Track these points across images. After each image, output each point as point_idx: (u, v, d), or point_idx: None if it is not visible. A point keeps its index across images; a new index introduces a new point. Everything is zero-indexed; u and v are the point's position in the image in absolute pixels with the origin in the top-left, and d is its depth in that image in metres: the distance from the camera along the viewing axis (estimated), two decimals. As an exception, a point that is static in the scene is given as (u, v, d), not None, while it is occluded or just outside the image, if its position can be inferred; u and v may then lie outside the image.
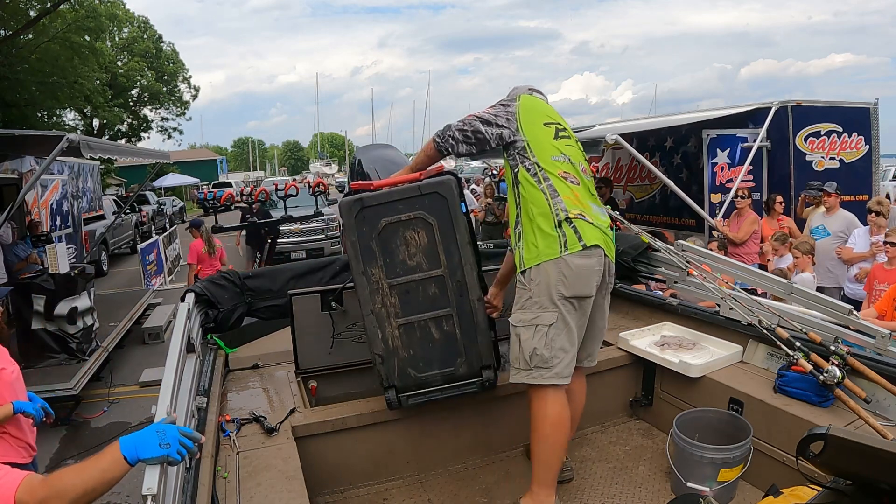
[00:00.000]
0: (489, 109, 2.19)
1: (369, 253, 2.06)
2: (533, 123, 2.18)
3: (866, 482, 1.30)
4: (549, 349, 1.99)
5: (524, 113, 2.18)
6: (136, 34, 27.06)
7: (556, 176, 2.08)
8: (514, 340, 2.06)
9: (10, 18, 15.64)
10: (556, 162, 2.11)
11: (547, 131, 2.19)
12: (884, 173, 14.33)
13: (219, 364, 2.50)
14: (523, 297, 2.05)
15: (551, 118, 2.25)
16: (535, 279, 2.01)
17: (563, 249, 1.98)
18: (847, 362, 2.11)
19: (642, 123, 8.74)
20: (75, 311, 5.05)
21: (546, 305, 1.99)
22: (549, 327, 1.99)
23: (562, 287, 1.99)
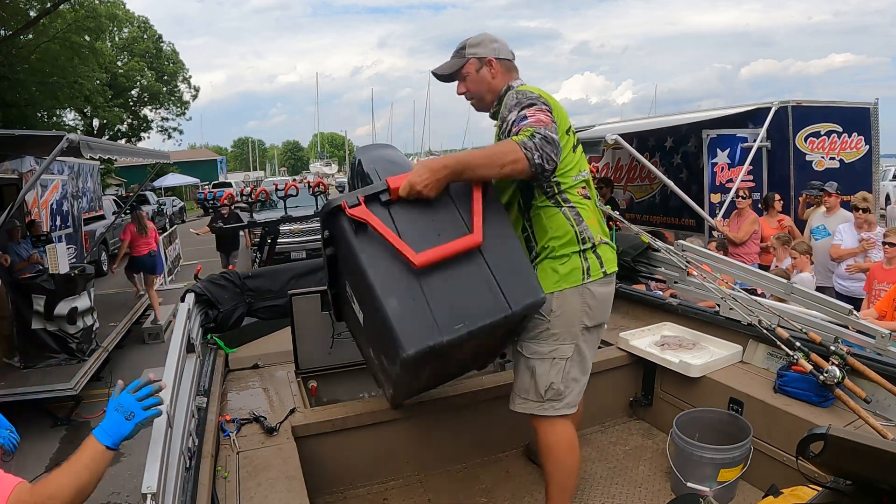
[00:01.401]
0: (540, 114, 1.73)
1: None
2: (560, 132, 1.83)
3: (866, 482, 1.30)
4: (564, 382, 1.88)
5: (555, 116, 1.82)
6: (136, 34, 27.04)
7: (577, 196, 1.87)
8: (525, 372, 1.90)
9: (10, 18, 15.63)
10: (577, 182, 1.88)
11: (569, 141, 1.89)
12: (884, 173, 14.33)
13: (219, 364, 2.50)
14: (539, 328, 1.86)
15: (567, 120, 1.94)
16: (556, 310, 1.83)
17: (586, 277, 1.84)
18: (847, 362, 2.11)
19: (642, 123, 8.74)
20: (75, 311, 5.05)
21: (565, 338, 1.86)
22: (566, 361, 1.87)
23: (585, 318, 1.86)
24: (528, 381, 1.89)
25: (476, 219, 1.54)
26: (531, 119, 1.71)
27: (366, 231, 1.47)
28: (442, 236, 1.50)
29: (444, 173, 1.61)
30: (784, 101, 6.29)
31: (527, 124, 1.70)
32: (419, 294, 1.43)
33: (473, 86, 1.97)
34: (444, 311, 1.43)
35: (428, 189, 1.58)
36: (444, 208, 1.56)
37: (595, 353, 2.02)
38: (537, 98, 1.81)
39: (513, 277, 1.53)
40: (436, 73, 2.01)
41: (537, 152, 1.64)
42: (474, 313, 1.44)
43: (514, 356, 1.95)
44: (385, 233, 1.45)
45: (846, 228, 5.02)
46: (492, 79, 1.95)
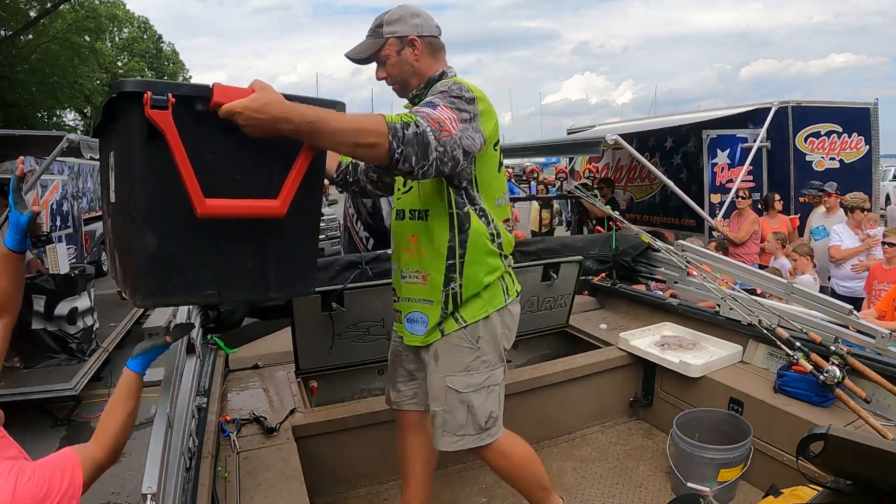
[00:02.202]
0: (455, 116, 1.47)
1: None
2: (488, 145, 1.62)
3: (866, 482, 1.30)
4: (500, 407, 1.77)
5: (485, 124, 1.57)
6: (136, 34, 27.07)
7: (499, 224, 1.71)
8: (459, 408, 1.70)
9: (10, 18, 15.65)
10: (500, 208, 1.71)
11: (496, 157, 1.68)
12: (884, 173, 14.33)
13: (219, 364, 2.50)
14: (468, 358, 1.69)
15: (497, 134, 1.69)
16: (483, 336, 1.69)
17: (507, 297, 1.73)
18: (847, 362, 2.11)
19: (642, 123, 8.74)
20: (75, 311, 5.05)
21: (495, 363, 1.74)
22: (499, 385, 1.76)
23: (505, 340, 1.76)
24: (464, 416, 1.71)
25: (287, 188, 1.27)
26: (437, 114, 1.44)
27: (159, 142, 1.13)
28: (242, 188, 1.24)
29: (283, 127, 1.22)
30: (784, 102, 6.29)
31: (425, 113, 1.42)
32: (187, 240, 1.22)
33: (395, 69, 1.69)
34: (203, 270, 1.25)
35: (251, 129, 1.20)
36: (260, 157, 1.26)
37: None
38: (471, 99, 1.54)
39: (291, 264, 1.36)
40: (350, 57, 1.71)
41: (402, 147, 1.35)
42: (233, 284, 1.29)
43: (436, 391, 1.72)
44: (181, 159, 1.14)
45: (842, 229, 5.03)
46: (415, 60, 1.68)
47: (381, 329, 2.58)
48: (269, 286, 1.33)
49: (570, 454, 2.53)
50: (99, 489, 3.73)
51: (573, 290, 3.08)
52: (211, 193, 1.18)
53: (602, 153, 8.83)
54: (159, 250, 1.19)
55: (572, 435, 2.67)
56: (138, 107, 1.11)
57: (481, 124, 1.55)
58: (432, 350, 1.71)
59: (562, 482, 2.32)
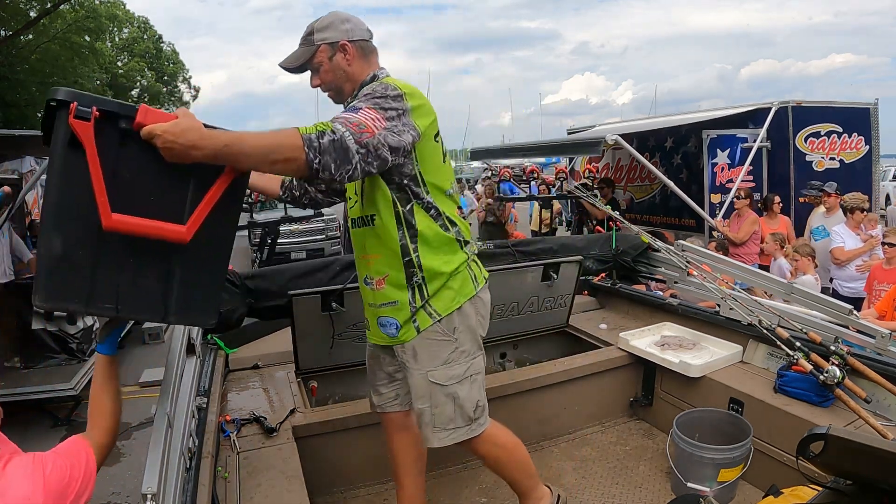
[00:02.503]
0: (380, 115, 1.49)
1: None
2: (427, 138, 1.62)
3: (866, 482, 1.30)
4: (484, 396, 1.79)
5: (419, 118, 1.58)
6: (136, 34, 27.07)
7: (456, 215, 1.73)
8: (445, 402, 1.71)
9: (11, 18, 15.65)
10: (450, 198, 1.72)
11: (438, 150, 1.69)
12: (884, 173, 14.32)
13: (219, 364, 2.50)
14: (447, 351, 1.70)
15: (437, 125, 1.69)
16: (459, 327, 1.71)
17: (476, 285, 1.74)
18: (847, 362, 2.11)
19: (642, 124, 8.74)
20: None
21: (474, 352, 1.75)
22: (480, 374, 1.78)
23: (480, 329, 1.77)
24: (452, 409, 1.72)
25: (198, 214, 1.28)
26: (357, 117, 1.45)
27: (79, 152, 1.16)
28: (153, 208, 1.25)
29: (197, 153, 1.22)
30: (784, 102, 6.29)
31: (343, 119, 1.44)
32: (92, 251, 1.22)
33: (328, 76, 1.70)
34: (104, 283, 1.24)
35: (168, 153, 1.21)
36: (179, 180, 1.27)
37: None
38: (396, 96, 1.54)
39: (195, 292, 1.35)
40: (284, 67, 1.72)
41: (320, 156, 1.35)
42: (132, 304, 1.28)
43: (420, 389, 1.72)
44: (94, 171, 1.17)
45: (843, 230, 5.03)
46: (348, 65, 1.69)
47: (381, 329, 2.58)
48: (168, 311, 1.32)
49: (570, 454, 2.53)
50: (99, 489, 3.72)
51: (573, 290, 3.08)
52: (121, 209, 1.20)
53: (602, 153, 8.83)
54: (63, 255, 1.20)
55: (572, 435, 2.67)
56: (66, 115, 1.15)
57: (414, 119, 1.56)
58: (409, 348, 1.72)
59: (562, 482, 2.32)
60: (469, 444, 1.78)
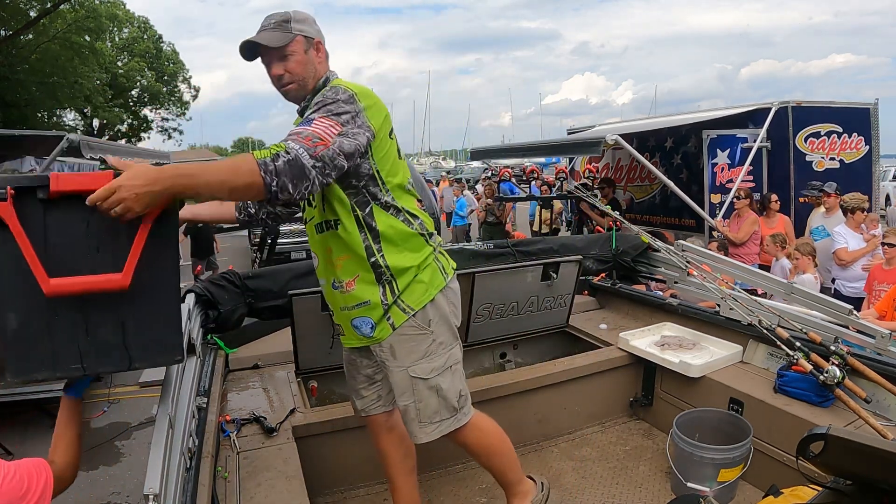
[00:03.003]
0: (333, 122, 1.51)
1: None
2: (382, 136, 1.65)
3: (866, 482, 1.30)
4: (466, 389, 1.81)
5: (372, 117, 1.61)
6: (136, 34, 27.04)
7: (413, 206, 1.75)
8: (429, 394, 1.72)
9: (11, 18, 15.65)
10: (408, 193, 1.75)
11: (392, 147, 1.72)
12: (884, 173, 14.33)
13: (219, 364, 2.50)
14: (425, 344, 1.72)
15: (390, 121, 1.72)
16: (434, 318, 1.72)
17: (445, 276, 1.77)
18: (847, 362, 2.11)
19: (642, 123, 8.74)
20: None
21: (451, 342, 1.77)
22: (459, 363, 1.80)
23: (454, 318, 1.79)
24: (436, 401, 1.73)
25: (131, 258, 1.27)
26: (310, 130, 1.47)
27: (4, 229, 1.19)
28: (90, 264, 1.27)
29: (160, 187, 1.23)
30: (784, 102, 6.29)
31: (296, 134, 1.45)
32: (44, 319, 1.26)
33: (298, 67, 1.69)
34: (65, 346, 1.27)
35: (135, 201, 1.20)
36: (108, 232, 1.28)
37: None
38: (348, 98, 1.56)
39: (152, 331, 1.35)
40: (254, 42, 1.67)
41: (277, 178, 1.36)
42: (95, 359, 1.30)
43: (402, 385, 1.74)
44: (24, 245, 1.20)
45: (844, 230, 5.02)
46: (319, 63, 1.73)
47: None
48: (132, 358, 1.34)
49: (570, 454, 2.53)
50: (99, 489, 3.74)
51: (573, 290, 3.09)
52: (60, 273, 1.22)
53: (602, 153, 8.83)
54: (18, 329, 1.23)
55: (572, 435, 2.67)
56: None
57: (368, 118, 1.58)
58: (387, 346, 1.72)
59: (562, 482, 2.32)
60: (456, 435, 1.79)
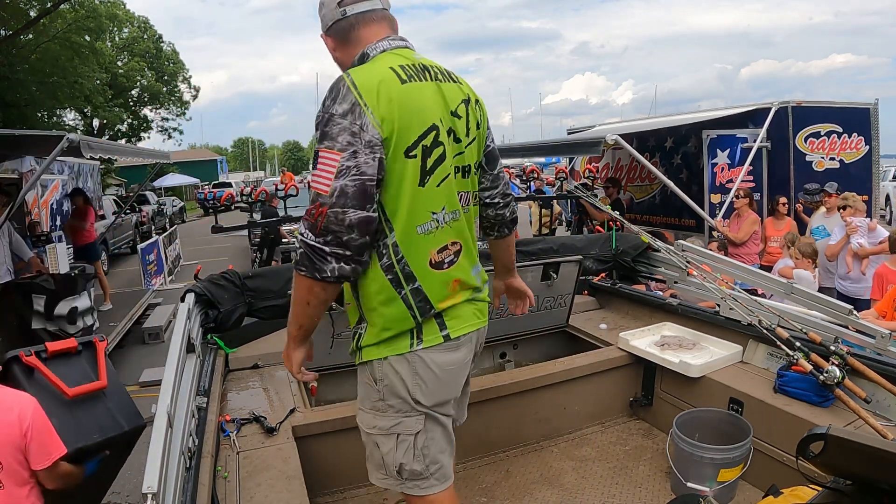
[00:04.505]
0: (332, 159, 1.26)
1: None
2: (395, 160, 1.32)
3: (866, 482, 1.30)
4: (420, 462, 1.48)
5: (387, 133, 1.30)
6: (136, 34, 27.03)
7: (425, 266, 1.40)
8: (370, 445, 1.55)
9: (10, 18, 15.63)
10: (426, 236, 1.39)
11: (409, 169, 1.34)
12: (884, 173, 14.33)
13: (219, 364, 2.50)
14: (373, 397, 1.49)
15: (423, 117, 1.35)
16: (381, 379, 1.46)
17: (416, 342, 1.42)
18: (847, 362, 2.11)
19: (642, 123, 8.75)
20: (75, 311, 5.05)
21: (406, 410, 1.46)
22: (415, 436, 1.47)
23: (419, 394, 1.44)
24: (378, 456, 1.53)
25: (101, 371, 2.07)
26: (310, 197, 1.30)
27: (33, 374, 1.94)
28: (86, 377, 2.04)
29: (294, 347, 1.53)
30: (784, 102, 6.29)
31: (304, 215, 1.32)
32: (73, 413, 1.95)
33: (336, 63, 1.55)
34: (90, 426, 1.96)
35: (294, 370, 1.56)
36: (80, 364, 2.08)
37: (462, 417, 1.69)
38: (345, 112, 1.28)
39: (122, 407, 2.05)
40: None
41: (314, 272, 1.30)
42: (105, 428, 1.98)
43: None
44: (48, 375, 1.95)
45: (839, 231, 5.05)
46: (337, 56, 1.52)
47: (381, 329, 2.58)
48: (122, 424, 2.01)
49: (570, 454, 2.53)
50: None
51: (573, 290, 3.08)
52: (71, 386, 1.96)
53: (602, 153, 8.83)
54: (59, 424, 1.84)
55: (572, 435, 2.67)
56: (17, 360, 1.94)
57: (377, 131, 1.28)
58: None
59: (562, 482, 2.32)
60: (407, 498, 1.57)
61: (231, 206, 6.00)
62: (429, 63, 1.46)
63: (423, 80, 1.39)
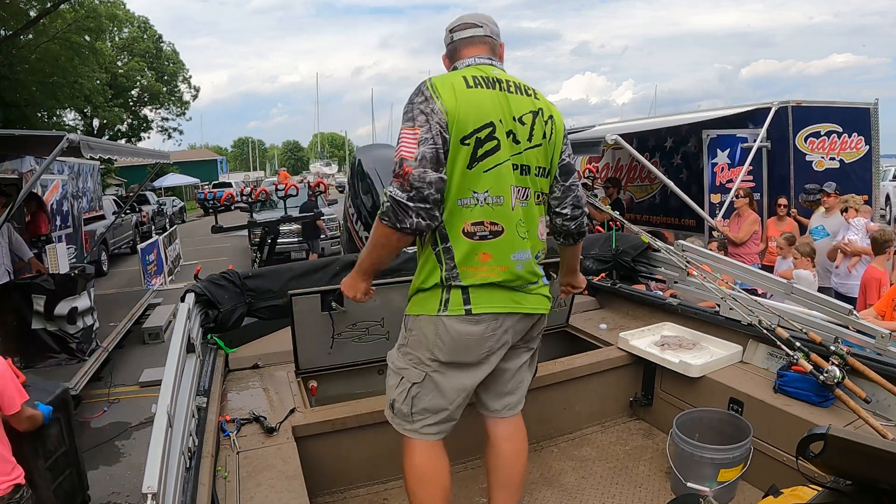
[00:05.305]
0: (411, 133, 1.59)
1: None
2: (452, 144, 1.61)
3: (866, 482, 1.30)
4: (407, 406, 1.77)
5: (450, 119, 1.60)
6: (136, 34, 27.04)
7: (459, 233, 1.65)
8: (389, 377, 1.87)
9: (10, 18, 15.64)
10: (465, 209, 1.64)
11: (462, 153, 1.62)
12: (884, 173, 14.33)
13: (219, 364, 2.50)
14: (401, 340, 1.84)
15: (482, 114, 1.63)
16: (412, 329, 1.78)
17: (443, 309, 1.68)
18: (847, 362, 2.11)
19: (642, 123, 8.74)
20: (75, 311, 5.05)
21: (416, 362, 1.75)
22: (412, 385, 1.76)
23: (437, 350, 1.71)
24: (388, 386, 1.86)
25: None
26: (400, 154, 1.59)
27: None
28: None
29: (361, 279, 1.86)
30: (784, 102, 6.30)
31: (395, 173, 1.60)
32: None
33: None
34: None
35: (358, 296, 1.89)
36: None
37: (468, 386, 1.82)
38: (424, 100, 1.61)
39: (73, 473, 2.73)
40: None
41: (395, 222, 1.58)
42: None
43: None
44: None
45: (844, 232, 5.05)
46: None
47: (380, 329, 2.58)
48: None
49: (570, 454, 2.53)
50: (99, 489, 3.73)
51: (573, 290, 3.08)
52: None
53: (602, 153, 8.83)
54: None
55: (572, 435, 2.67)
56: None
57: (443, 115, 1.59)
58: None
59: (562, 482, 2.32)
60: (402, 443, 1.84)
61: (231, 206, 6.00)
62: (505, 77, 1.74)
63: (488, 88, 1.68)
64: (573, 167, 1.90)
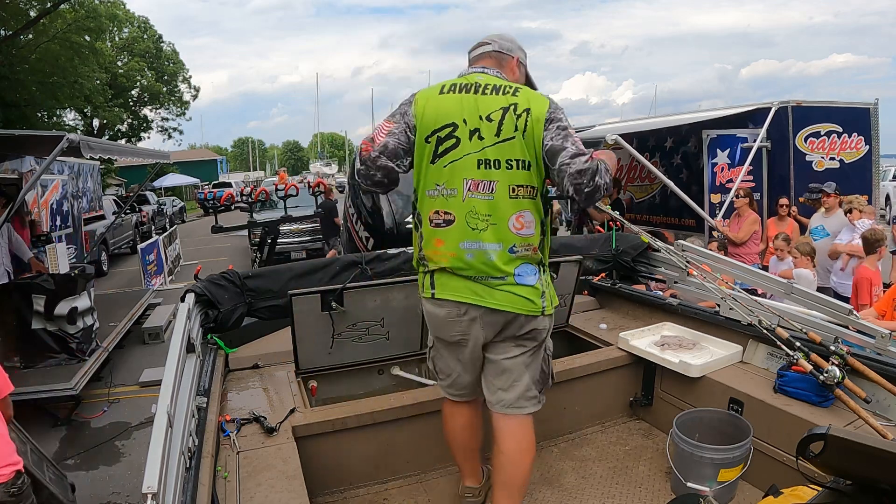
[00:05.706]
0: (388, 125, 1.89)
1: None
2: (418, 142, 1.86)
3: (866, 482, 1.30)
4: (432, 364, 2.11)
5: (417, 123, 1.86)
6: (136, 34, 27.04)
7: (426, 220, 1.87)
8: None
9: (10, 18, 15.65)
10: (430, 198, 1.86)
11: (426, 150, 1.85)
12: (884, 173, 14.34)
13: (219, 364, 2.50)
14: None
15: (443, 116, 1.82)
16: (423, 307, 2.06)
17: (422, 290, 1.96)
18: (847, 362, 2.11)
19: (642, 123, 8.75)
20: (75, 311, 5.05)
21: (432, 335, 2.06)
22: (431, 347, 2.10)
23: (430, 326, 2.03)
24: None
25: None
26: (374, 135, 1.89)
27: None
28: None
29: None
30: (784, 102, 6.30)
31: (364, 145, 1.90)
32: None
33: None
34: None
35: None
36: None
37: (462, 363, 1.98)
38: (404, 104, 1.91)
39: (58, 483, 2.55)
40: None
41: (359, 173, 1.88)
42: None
43: None
44: None
45: (846, 232, 5.05)
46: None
47: (380, 329, 2.59)
48: None
49: (570, 454, 2.53)
50: (99, 489, 3.73)
51: (573, 290, 3.08)
52: None
53: (602, 153, 8.81)
54: None
55: (572, 435, 2.67)
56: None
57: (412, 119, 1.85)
58: None
59: (562, 482, 2.32)
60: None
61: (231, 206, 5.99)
62: (486, 81, 1.86)
63: (460, 92, 1.84)
64: (559, 148, 1.76)
